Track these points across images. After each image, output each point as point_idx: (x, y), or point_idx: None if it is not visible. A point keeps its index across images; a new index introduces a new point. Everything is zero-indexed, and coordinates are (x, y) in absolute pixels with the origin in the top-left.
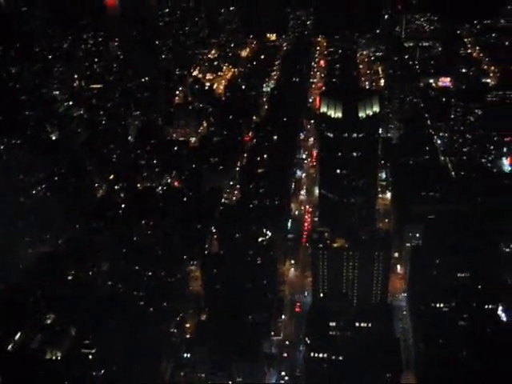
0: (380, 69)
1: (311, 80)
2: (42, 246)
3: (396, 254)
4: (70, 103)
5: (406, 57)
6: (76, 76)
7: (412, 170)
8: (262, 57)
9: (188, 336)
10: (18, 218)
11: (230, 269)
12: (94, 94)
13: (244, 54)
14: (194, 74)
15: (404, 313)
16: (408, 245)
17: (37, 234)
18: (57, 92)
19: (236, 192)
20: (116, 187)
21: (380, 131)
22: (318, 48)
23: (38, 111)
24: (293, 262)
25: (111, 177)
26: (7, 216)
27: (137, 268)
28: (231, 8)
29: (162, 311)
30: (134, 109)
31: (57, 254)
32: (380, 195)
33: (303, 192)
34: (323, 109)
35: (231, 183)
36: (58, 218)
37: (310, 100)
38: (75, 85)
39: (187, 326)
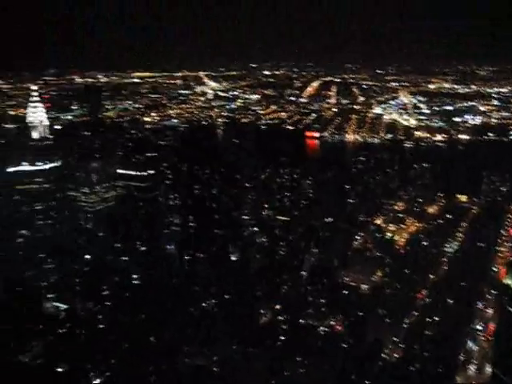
0: None
1: (498, 248)
2: (198, 358)
3: None
4: (255, 229)
5: None
6: (266, 206)
7: None
8: (449, 216)
9: None
10: (187, 327)
11: None
12: (279, 225)
13: (431, 210)
14: (377, 222)
15: None
16: None
17: (197, 346)
18: (246, 217)
19: (399, 350)
20: (279, 318)
21: None
22: (510, 215)
23: (226, 231)
24: None
25: (277, 307)
26: (178, 325)
27: None
28: (424, 164)
29: None
30: (313, 246)
31: (212, 370)
32: None
33: (472, 367)
34: (508, 281)
35: (395, 339)
36: (219, 334)
37: (494, 269)
38: (263, 213)
39: None
